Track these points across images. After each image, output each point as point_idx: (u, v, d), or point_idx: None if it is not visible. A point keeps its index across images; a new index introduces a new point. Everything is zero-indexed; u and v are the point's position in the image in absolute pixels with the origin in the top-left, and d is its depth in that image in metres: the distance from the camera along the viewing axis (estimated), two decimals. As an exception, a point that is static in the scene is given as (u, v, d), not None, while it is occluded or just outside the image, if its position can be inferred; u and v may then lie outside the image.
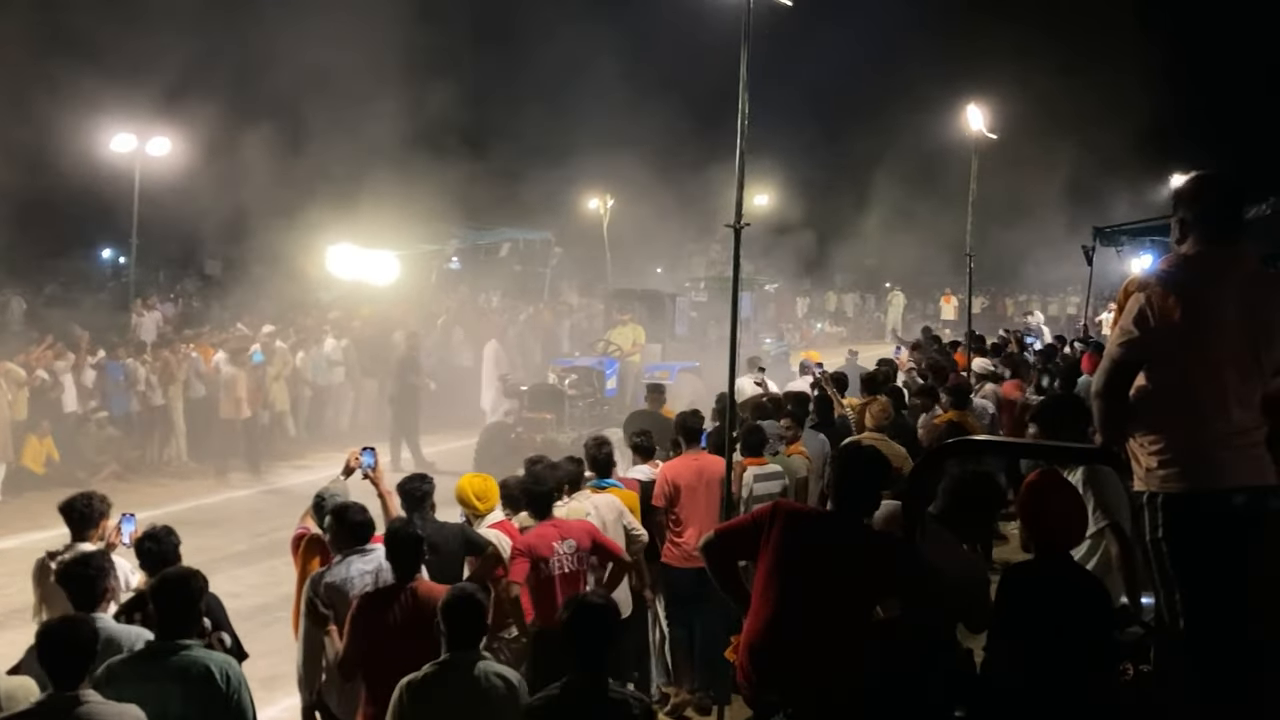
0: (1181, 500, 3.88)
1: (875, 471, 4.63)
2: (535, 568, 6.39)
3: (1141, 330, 3.92)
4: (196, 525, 12.21)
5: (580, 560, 6.56)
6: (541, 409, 15.07)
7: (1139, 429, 4.00)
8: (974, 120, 12.86)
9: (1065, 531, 4.50)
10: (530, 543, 6.46)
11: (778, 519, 4.53)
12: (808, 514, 4.83)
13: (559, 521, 6.70)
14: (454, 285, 26.99)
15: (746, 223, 7.30)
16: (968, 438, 6.51)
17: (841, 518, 4.58)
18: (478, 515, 6.84)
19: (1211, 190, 4.07)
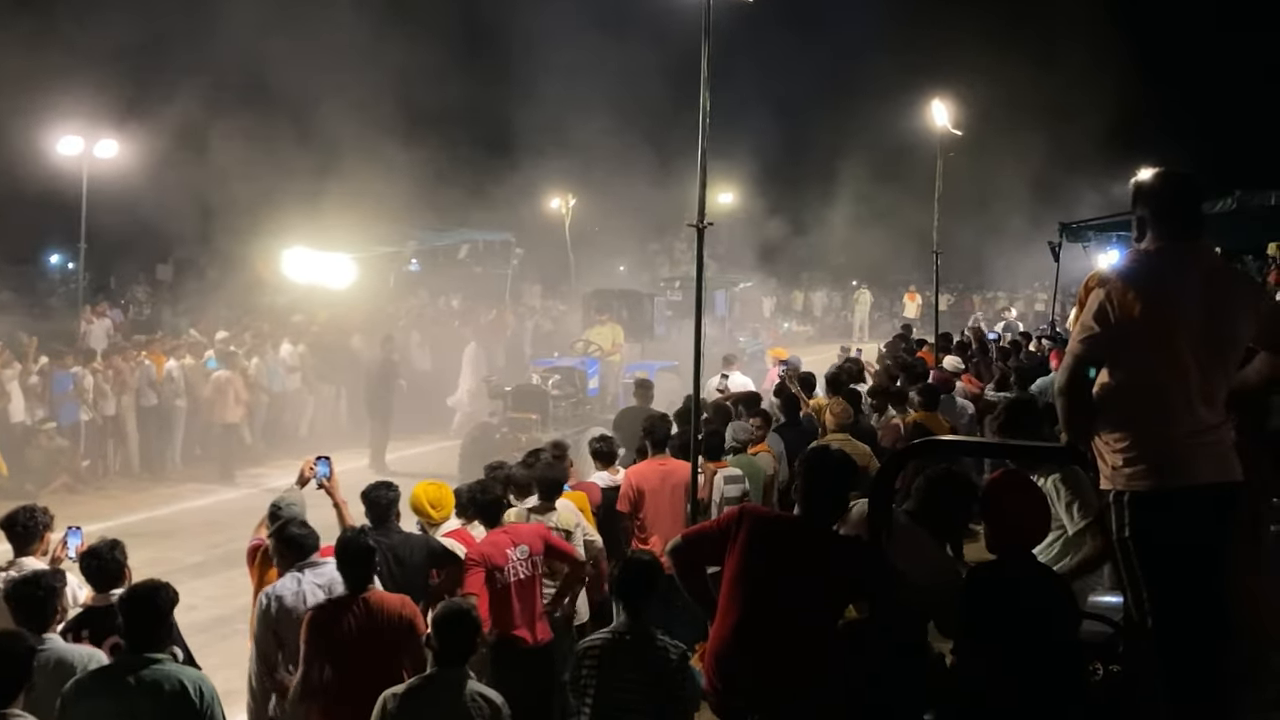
0: (1148, 498, 3.91)
1: (843, 475, 4.64)
2: (490, 577, 6.37)
3: (1102, 326, 3.95)
4: (150, 537, 12.11)
5: (534, 565, 6.56)
6: (526, 409, 15.30)
7: (1104, 427, 4.03)
8: (939, 116, 12.97)
9: (1029, 531, 4.54)
10: (484, 552, 6.44)
11: (744, 523, 4.54)
12: (775, 519, 4.86)
13: (510, 527, 6.70)
14: (413, 288, 26.86)
15: (709, 222, 7.33)
16: (934, 438, 6.54)
17: (808, 522, 4.59)
18: (432, 524, 6.80)
19: (1170, 186, 4.12)
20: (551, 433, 14.47)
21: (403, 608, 5.42)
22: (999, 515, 4.51)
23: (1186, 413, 3.90)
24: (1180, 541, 3.88)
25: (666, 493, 7.75)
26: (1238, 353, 4.03)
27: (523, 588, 6.47)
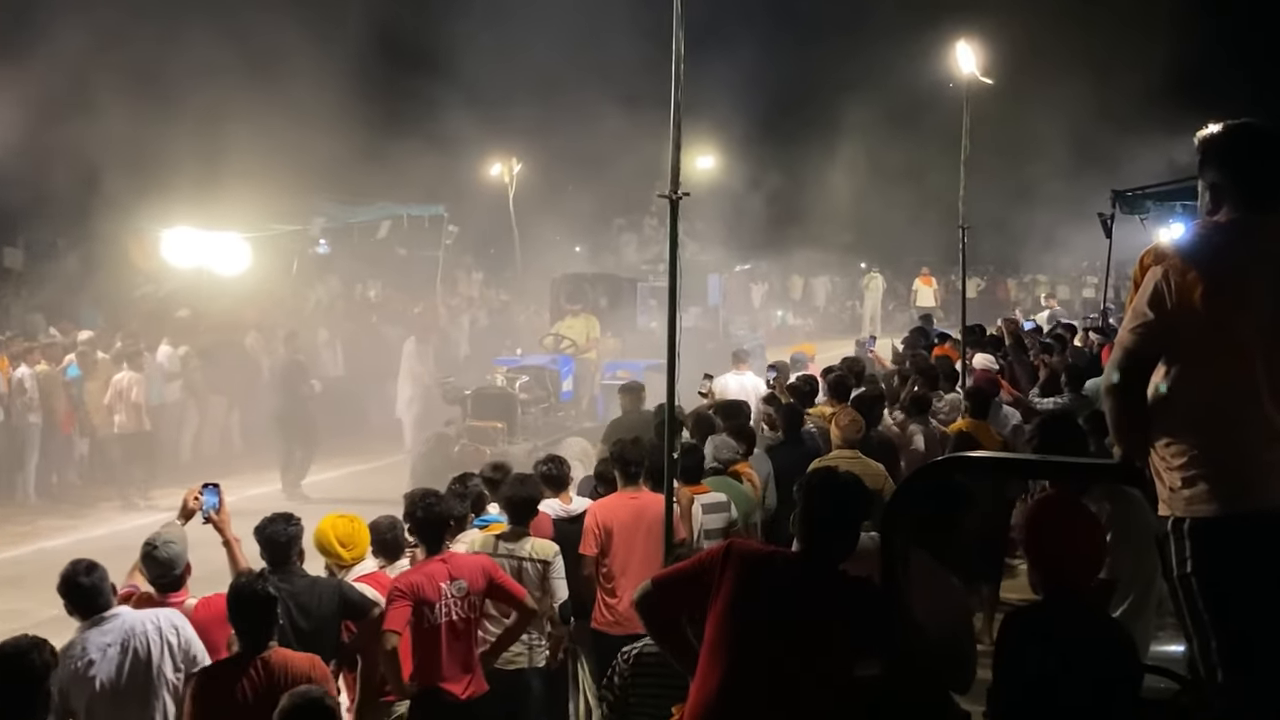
0: (1213, 526, 3.92)
1: (850, 502, 4.58)
2: (418, 613, 6.36)
3: (1157, 313, 3.96)
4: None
5: (471, 606, 6.57)
6: (489, 416, 15.44)
7: (1159, 438, 4.04)
8: (965, 61, 12.96)
9: (1080, 567, 4.55)
10: (415, 582, 6.43)
11: (730, 563, 4.48)
12: (768, 556, 4.70)
13: (450, 556, 6.71)
14: (322, 275, 26.77)
15: (685, 192, 7.32)
16: (962, 454, 6.55)
17: (810, 560, 4.53)
18: (342, 566, 6.79)
19: (1247, 143, 4.12)
20: (521, 443, 14.76)
21: (312, 669, 5.41)
22: (1044, 548, 4.52)
23: (1257, 421, 3.90)
24: (1253, 579, 3.87)
25: (641, 533, 7.68)
26: None
27: (456, 631, 6.47)
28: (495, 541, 7.22)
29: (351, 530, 6.90)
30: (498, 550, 7.20)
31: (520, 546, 7.18)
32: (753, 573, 4.46)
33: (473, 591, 6.55)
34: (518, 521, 7.32)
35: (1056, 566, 4.49)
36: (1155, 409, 4.05)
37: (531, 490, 7.51)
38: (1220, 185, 4.09)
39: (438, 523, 6.78)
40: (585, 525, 7.84)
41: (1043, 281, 41.68)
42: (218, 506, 6.62)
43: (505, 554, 7.19)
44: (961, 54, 12.93)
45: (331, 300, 24.79)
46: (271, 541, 6.38)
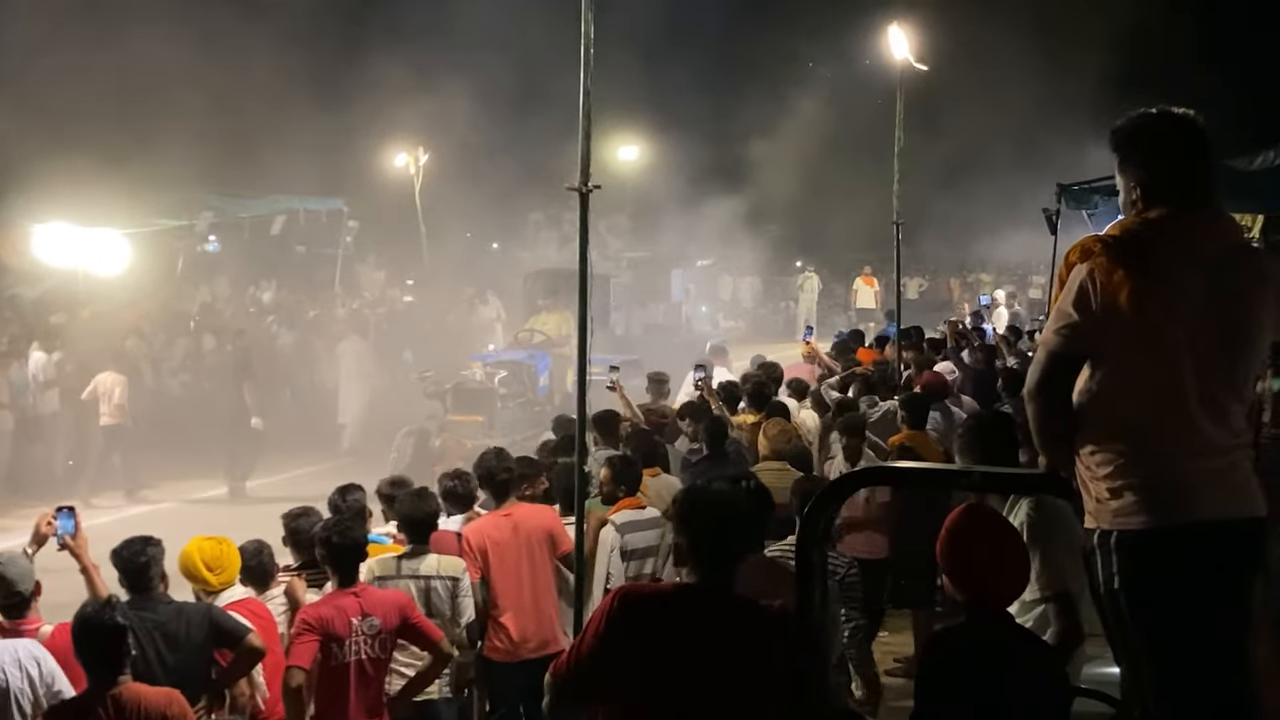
0: (1142, 539, 3.96)
1: (730, 519, 4.47)
2: (326, 650, 6.29)
3: (1082, 314, 3.99)
4: None
5: (383, 646, 6.49)
6: (470, 411, 16.73)
7: (1084, 445, 4.08)
8: (897, 46, 13.07)
9: (1003, 584, 4.57)
10: (324, 615, 6.35)
11: (623, 614, 4.31)
12: (660, 596, 4.55)
13: (364, 590, 6.62)
14: (210, 274, 26.48)
15: (596, 185, 7.33)
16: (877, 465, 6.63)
17: (701, 591, 4.40)
18: (210, 592, 6.70)
19: (1173, 132, 4.16)
20: (499, 438, 14.85)
21: (169, 706, 5.34)
22: (963, 565, 4.55)
23: (1187, 430, 3.95)
24: (1183, 593, 3.93)
25: (519, 552, 7.68)
26: (1255, 355, 4.11)
27: (365, 671, 6.41)
28: (396, 562, 7.13)
29: (220, 553, 6.78)
30: (400, 571, 7.11)
31: (424, 565, 7.11)
32: (645, 618, 4.31)
33: (385, 630, 6.47)
34: (416, 540, 7.25)
35: (979, 584, 4.52)
36: (1080, 415, 4.08)
37: (430, 506, 7.45)
38: (1148, 181, 4.11)
39: (353, 550, 6.66)
40: (462, 551, 7.71)
41: (987, 281, 42.13)
42: (74, 531, 6.47)
43: (410, 574, 7.11)
44: (894, 39, 13.03)
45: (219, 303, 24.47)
46: (129, 566, 6.24)
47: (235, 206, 24.29)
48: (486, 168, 29.18)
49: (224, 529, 7.22)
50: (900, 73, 13.24)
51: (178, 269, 24.25)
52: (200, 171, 23.08)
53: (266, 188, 24.99)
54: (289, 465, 18.64)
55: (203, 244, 26.06)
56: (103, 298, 20.62)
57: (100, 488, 17.27)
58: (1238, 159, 16.28)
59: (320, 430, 20.93)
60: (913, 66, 13.36)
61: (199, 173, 23.03)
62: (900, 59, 13.12)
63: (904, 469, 6.31)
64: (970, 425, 6.33)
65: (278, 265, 27.35)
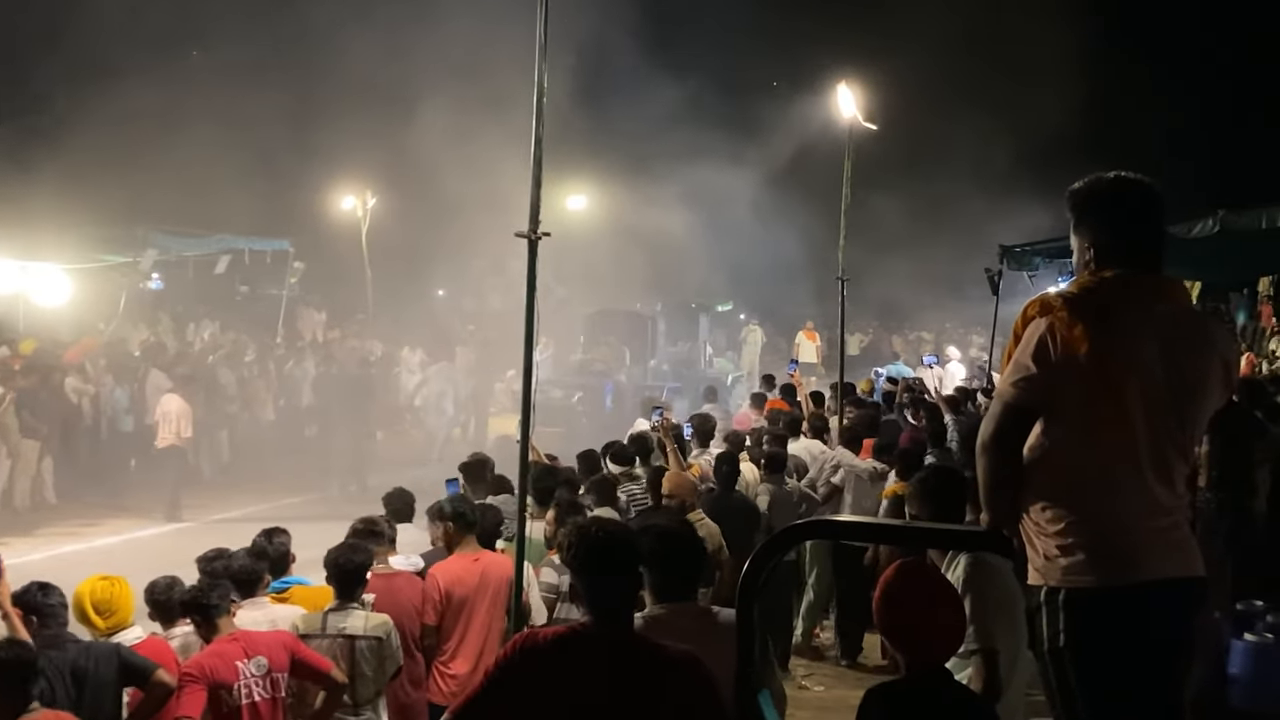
0: (1090, 598, 3.97)
1: (620, 557, 4.45)
2: (215, 697, 6.24)
3: (1040, 367, 4.01)
4: None
5: (275, 685, 6.47)
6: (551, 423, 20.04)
7: (1034, 501, 4.09)
8: (846, 105, 13.18)
9: (940, 640, 4.57)
10: (205, 664, 6.31)
11: (524, 661, 4.31)
12: (561, 641, 4.43)
13: (242, 634, 6.55)
14: (153, 312, 26.26)
15: (545, 232, 7.34)
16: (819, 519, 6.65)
17: (600, 634, 4.37)
18: (99, 634, 6.59)
19: (1125, 196, 4.22)
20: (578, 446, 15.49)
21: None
22: (899, 622, 4.54)
23: (1139, 489, 3.99)
24: (1129, 654, 3.94)
25: (485, 601, 7.66)
26: (1202, 418, 4.13)
27: (259, 713, 6.38)
28: (322, 619, 7.04)
29: (111, 595, 6.64)
30: (326, 628, 7.01)
31: (351, 622, 7.00)
32: (546, 665, 4.29)
33: (274, 669, 6.44)
34: (344, 594, 7.12)
35: (914, 640, 4.51)
36: (1031, 470, 4.09)
37: (361, 557, 7.28)
38: (1102, 243, 4.16)
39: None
40: (426, 591, 7.73)
41: (928, 339, 42.36)
42: None
43: (335, 632, 7.00)
44: (843, 98, 13.13)
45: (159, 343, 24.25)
46: (33, 608, 6.24)
47: (180, 244, 24.10)
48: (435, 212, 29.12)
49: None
50: (849, 131, 13.34)
51: (120, 306, 24.04)
52: (146, 208, 22.92)
53: (213, 226, 24.81)
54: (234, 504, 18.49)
55: (146, 281, 25.81)
56: (44, 334, 20.38)
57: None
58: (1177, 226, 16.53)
59: (269, 467, 20.80)
60: (861, 125, 13.47)
61: (145, 209, 22.86)
62: (849, 117, 13.22)
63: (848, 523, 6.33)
64: (923, 478, 6.35)
65: (221, 304, 27.14)
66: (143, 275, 24.83)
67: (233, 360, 23.02)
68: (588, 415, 21.87)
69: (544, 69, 7.14)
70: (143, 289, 25.99)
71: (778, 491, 10.95)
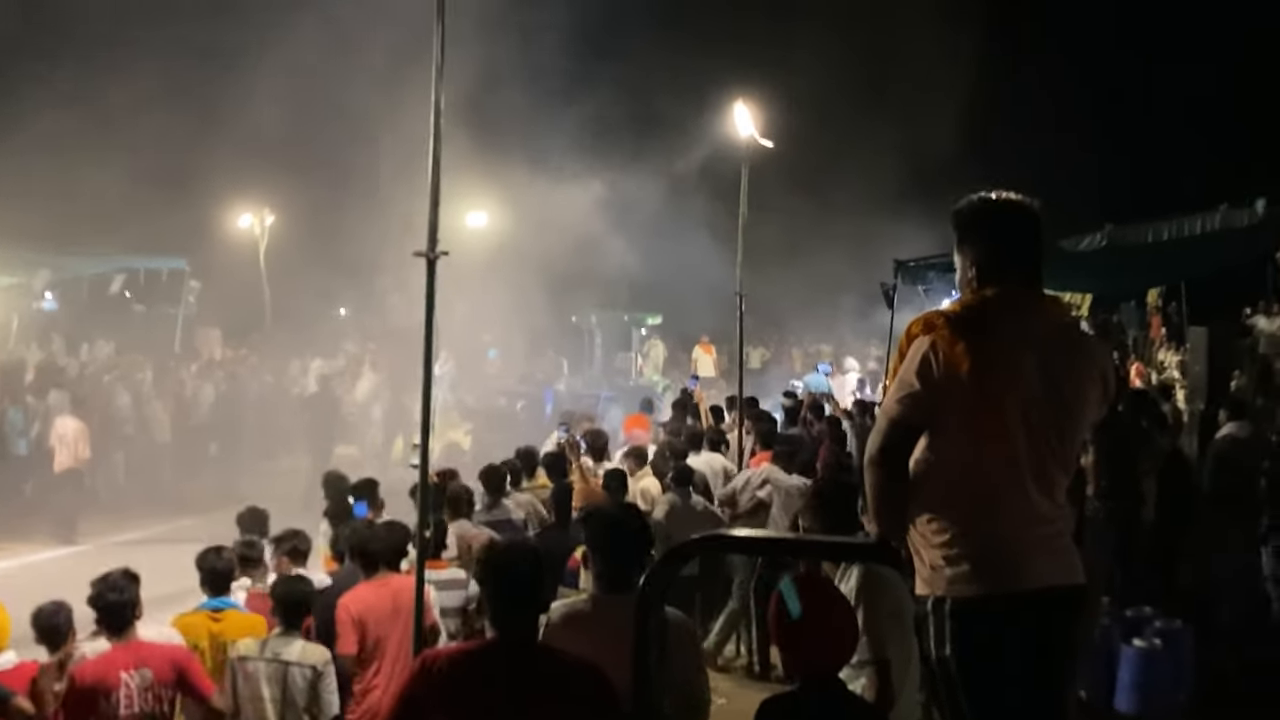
0: (975, 606, 4.08)
1: (531, 575, 4.54)
2: (94, 703, 6.25)
3: (924, 384, 4.11)
4: None
5: (158, 699, 6.47)
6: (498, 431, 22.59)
7: (921, 513, 4.19)
8: (743, 123, 13.28)
9: (833, 651, 4.66)
10: (91, 673, 6.32)
11: (428, 682, 4.35)
12: (463, 658, 4.54)
13: (137, 644, 6.57)
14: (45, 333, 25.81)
15: (444, 251, 7.36)
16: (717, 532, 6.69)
17: (505, 648, 4.45)
18: None
19: (1012, 215, 4.34)
20: None
21: None
22: (790, 637, 4.62)
23: (1021, 500, 4.10)
24: (1012, 661, 4.06)
25: (400, 628, 7.58)
26: (1081, 430, 4.26)
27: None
28: (261, 644, 7.08)
29: None
30: (263, 653, 7.05)
31: (289, 650, 7.04)
32: (451, 683, 4.34)
33: (159, 683, 6.44)
34: (288, 623, 7.18)
35: (808, 651, 4.60)
36: (918, 484, 4.20)
37: (304, 588, 7.39)
38: (983, 261, 4.29)
39: (118, 609, 6.65)
40: (338, 621, 7.67)
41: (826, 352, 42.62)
42: None
43: (270, 657, 7.03)
44: (739, 116, 13.24)
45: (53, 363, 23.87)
46: None
47: (74, 264, 23.75)
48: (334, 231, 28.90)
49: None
50: (746, 149, 13.44)
51: (13, 327, 23.62)
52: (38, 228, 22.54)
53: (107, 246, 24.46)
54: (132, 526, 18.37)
55: (38, 301, 25.36)
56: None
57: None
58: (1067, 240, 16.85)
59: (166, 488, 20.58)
60: (758, 143, 13.57)
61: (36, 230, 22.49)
62: (745, 135, 13.32)
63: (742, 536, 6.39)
64: (816, 491, 6.45)
65: (116, 324, 26.69)
66: (34, 295, 24.44)
67: (128, 380, 22.71)
68: (529, 422, 23.11)
69: (440, 89, 7.18)
70: (35, 310, 25.51)
71: (680, 505, 11.04)
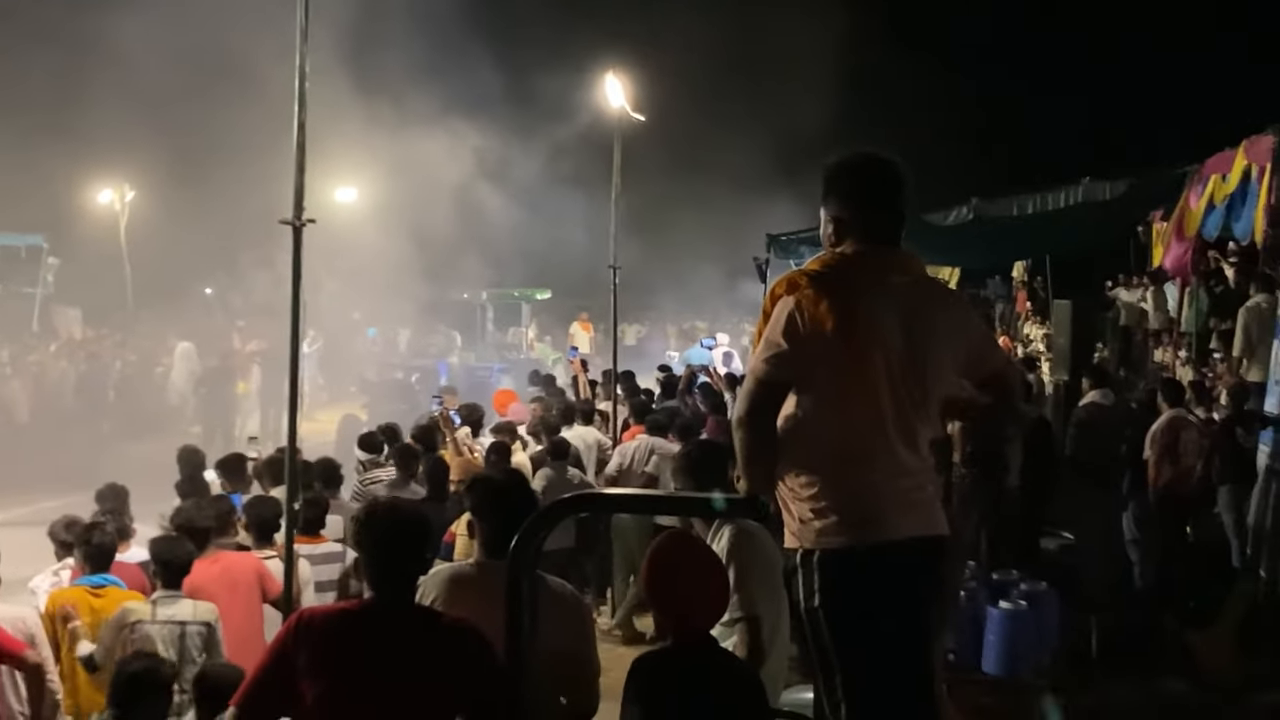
0: (843, 558, 4.16)
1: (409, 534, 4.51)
2: None
3: (791, 342, 4.18)
4: None
5: None
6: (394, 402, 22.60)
7: (789, 469, 4.26)
8: (614, 95, 13.27)
9: (704, 609, 4.72)
10: None
11: (302, 638, 4.31)
12: (338, 616, 4.52)
13: None
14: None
15: (310, 219, 7.29)
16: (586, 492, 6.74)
17: (381, 609, 4.42)
18: None
19: (869, 174, 4.42)
20: None
21: None
22: (665, 591, 4.67)
23: (886, 454, 4.19)
24: (880, 610, 4.13)
25: (239, 602, 7.60)
26: (942, 385, 4.35)
27: None
28: (151, 607, 7.10)
29: None
30: (156, 616, 7.07)
31: (179, 610, 7.08)
32: (326, 641, 4.31)
33: None
34: (169, 584, 7.20)
35: (680, 609, 4.65)
36: (786, 440, 4.26)
37: (184, 549, 7.37)
38: (844, 219, 4.37)
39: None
40: None
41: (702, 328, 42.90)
42: None
43: (165, 619, 7.06)
44: (611, 88, 13.23)
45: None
46: None
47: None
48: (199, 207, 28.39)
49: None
50: (618, 121, 13.45)
51: None
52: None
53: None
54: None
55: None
56: None
57: None
58: (935, 214, 17.13)
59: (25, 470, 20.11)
60: (630, 116, 13.57)
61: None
62: (617, 108, 13.32)
63: (613, 495, 6.45)
64: (685, 452, 6.52)
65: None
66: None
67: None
68: (425, 394, 23.13)
69: (305, 52, 7.10)
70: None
71: (556, 477, 11.11)
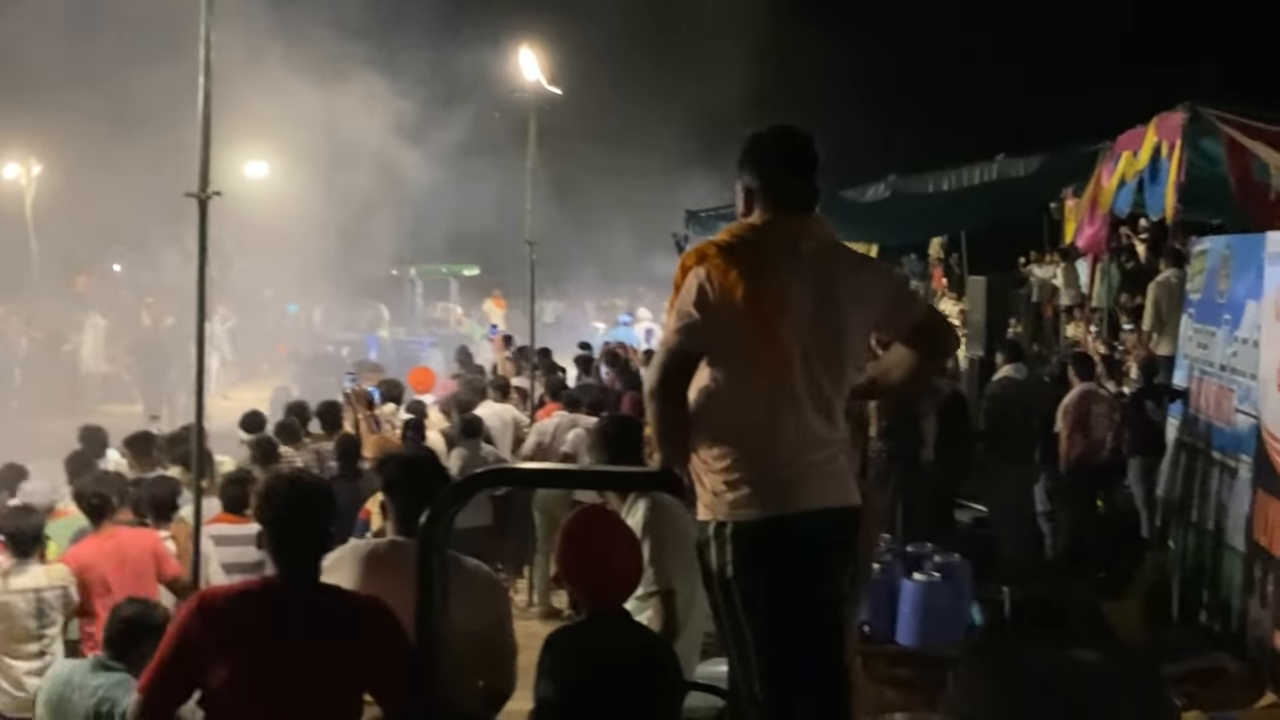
0: (755, 529, 4.18)
1: (314, 506, 4.46)
2: None
3: (702, 313, 4.19)
4: None
5: None
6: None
7: (702, 441, 4.26)
8: (529, 68, 13.21)
9: (615, 584, 4.73)
10: None
11: (204, 621, 4.25)
12: (241, 595, 4.45)
13: None
14: None
15: (216, 191, 7.21)
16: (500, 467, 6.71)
17: (284, 582, 4.37)
18: None
19: (780, 145, 4.45)
20: None
21: None
22: (579, 566, 4.67)
23: (798, 424, 4.20)
24: (791, 581, 4.16)
25: (126, 581, 7.43)
26: (856, 352, 4.38)
27: None
28: (4, 579, 7.17)
29: None
30: (9, 586, 7.15)
31: (31, 577, 7.18)
32: (229, 621, 4.25)
33: None
34: (20, 553, 7.26)
35: (594, 583, 4.66)
36: (698, 412, 4.27)
37: (34, 520, 7.45)
38: (754, 189, 4.39)
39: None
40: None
41: (620, 305, 42.88)
42: None
43: (19, 590, 7.16)
44: (525, 61, 13.15)
45: None
46: None
47: None
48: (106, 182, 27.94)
49: None
50: (533, 95, 13.37)
51: None
52: None
53: None
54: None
55: None
56: None
57: None
58: (852, 191, 17.24)
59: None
60: (545, 89, 13.50)
61: None
62: (532, 81, 13.25)
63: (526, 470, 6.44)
64: (600, 427, 6.54)
65: None
66: None
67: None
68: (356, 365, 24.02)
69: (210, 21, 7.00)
70: None
71: (470, 455, 11.09)
